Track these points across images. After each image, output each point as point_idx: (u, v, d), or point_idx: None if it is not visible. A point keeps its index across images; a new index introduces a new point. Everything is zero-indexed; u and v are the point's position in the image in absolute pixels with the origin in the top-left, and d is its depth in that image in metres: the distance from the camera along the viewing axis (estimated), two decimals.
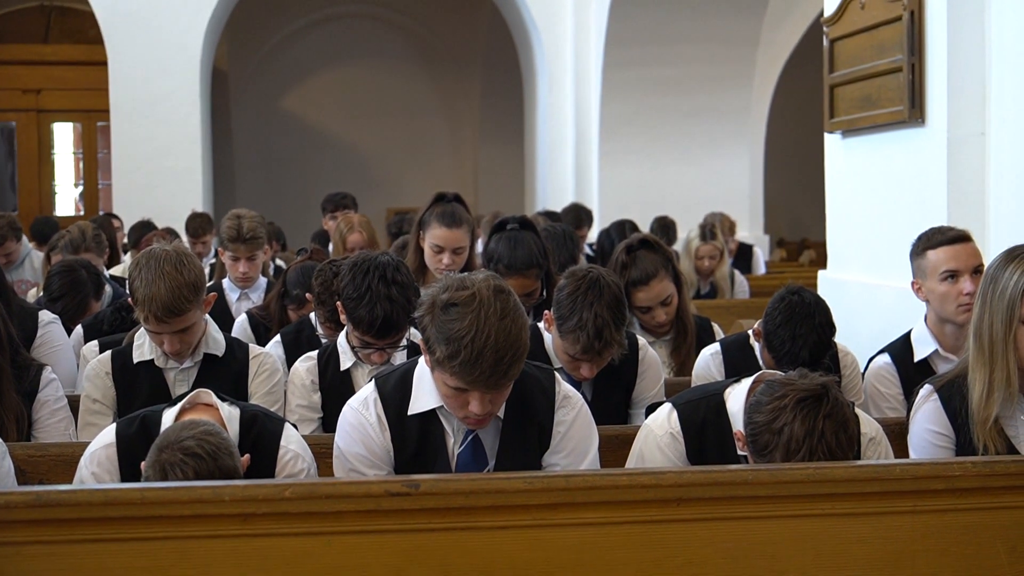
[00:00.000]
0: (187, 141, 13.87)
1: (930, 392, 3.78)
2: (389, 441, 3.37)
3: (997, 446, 3.61)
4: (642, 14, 12.72)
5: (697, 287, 8.44)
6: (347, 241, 6.98)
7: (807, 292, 4.33)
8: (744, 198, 13.69)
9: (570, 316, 4.08)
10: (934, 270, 4.47)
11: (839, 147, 6.87)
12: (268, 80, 19.96)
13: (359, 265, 4.15)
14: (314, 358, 4.36)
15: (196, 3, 13.85)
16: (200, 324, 4.23)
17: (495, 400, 3.20)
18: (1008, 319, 3.56)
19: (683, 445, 3.49)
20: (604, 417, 4.13)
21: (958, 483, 3.06)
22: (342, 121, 20.24)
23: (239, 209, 6.55)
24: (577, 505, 2.95)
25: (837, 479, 3.01)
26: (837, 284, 6.80)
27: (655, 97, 13.23)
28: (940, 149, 5.75)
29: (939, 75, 5.73)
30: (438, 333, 3.08)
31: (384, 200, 19.11)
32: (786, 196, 18.81)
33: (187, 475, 2.97)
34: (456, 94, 20.58)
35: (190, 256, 4.12)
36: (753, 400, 3.23)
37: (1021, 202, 5.33)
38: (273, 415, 3.58)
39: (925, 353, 4.52)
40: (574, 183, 14.22)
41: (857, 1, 6.36)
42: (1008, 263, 3.61)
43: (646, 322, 5.13)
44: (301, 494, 2.87)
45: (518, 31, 15.79)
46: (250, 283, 6.41)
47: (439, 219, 5.28)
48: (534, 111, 15.79)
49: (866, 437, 3.48)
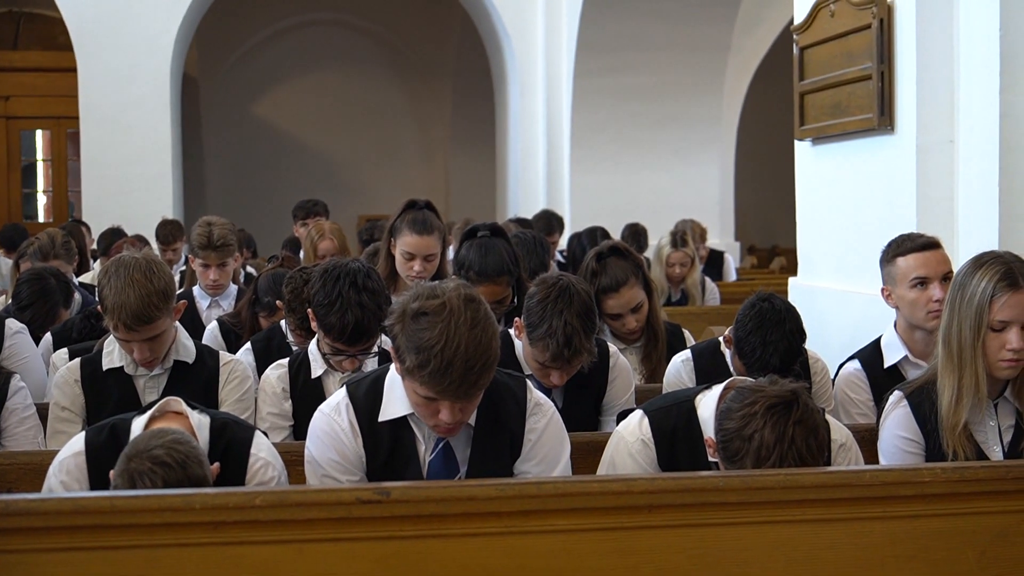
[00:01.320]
0: (157, 148, 13.81)
1: (900, 398, 3.79)
2: (361, 447, 3.36)
3: (966, 452, 3.62)
4: (613, 21, 12.74)
5: (668, 294, 8.44)
6: (318, 248, 6.98)
7: (777, 299, 4.34)
8: (715, 205, 13.72)
9: (540, 323, 4.09)
10: (904, 277, 4.49)
11: (809, 154, 6.89)
12: (239, 87, 19.89)
13: (330, 272, 4.14)
14: (285, 366, 4.34)
15: (166, 10, 13.80)
16: (170, 332, 4.21)
17: (465, 409, 3.20)
18: (976, 325, 3.58)
19: (654, 452, 3.49)
20: (575, 424, 4.13)
21: (928, 489, 3.07)
22: (313, 128, 20.19)
23: (210, 216, 6.53)
24: (549, 512, 2.94)
25: (807, 485, 3.01)
26: (807, 291, 6.82)
27: (626, 104, 13.25)
28: (909, 156, 5.77)
29: (908, 83, 5.76)
30: (408, 342, 3.08)
31: (355, 207, 19.08)
32: (757, 203, 18.87)
33: (156, 484, 2.96)
34: (427, 101, 20.56)
35: (160, 264, 4.10)
36: (723, 407, 3.24)
37: (989, 209, 5.36)
38: (243, 423, 3.57)
39: (895, 359, 4.54)
40: (545, 190, 14.23)
41: (827, 9, 6.38)
42: (976, 270, 3.63)
43: (617, 329, 5.14)
44: (272, 502, 2.86)
45: (489, 38, 15.79)
46: (221, 290, 6.38)
47: (410, 226, 5.28)
48: (505, 118, 15.79)
49: (836, 443, 3.49)
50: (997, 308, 3.56)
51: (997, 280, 3.57)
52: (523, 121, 14.78)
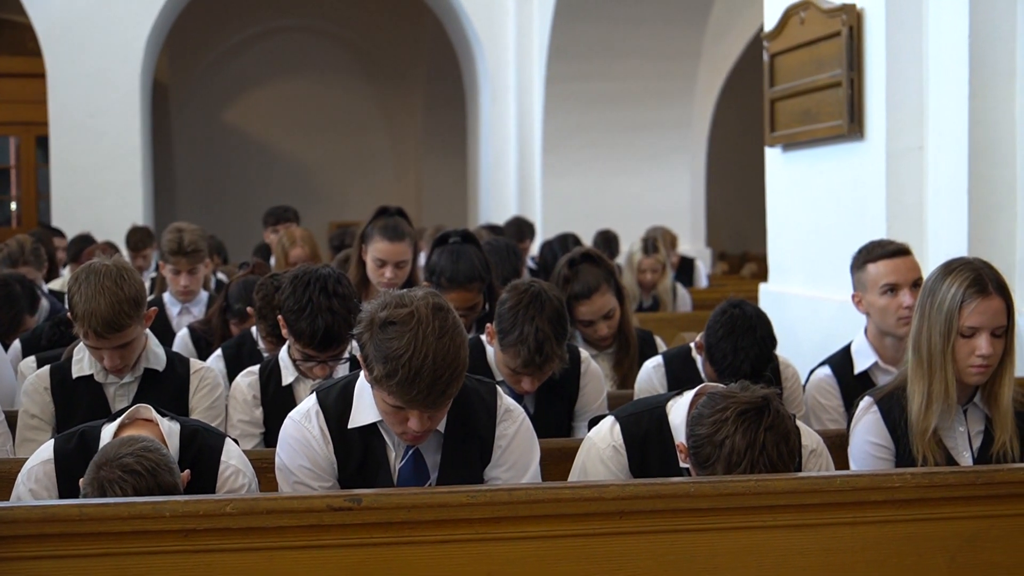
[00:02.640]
0: (127, 154, 13.74)
1: (870, 404, 3.80)
2: (332, 454, 3.35)
3: (936, 457, 3.64)
4: (584, 28, 12.76)
5: (639, 300, 8.46)
6: (289, 255, 6.96)
7: (748, 305, 4.36)
8: (686, 211, 13.75)
9: (511, 330, 4.09)
10: (874, 283, 4.51)
11: (779, 161, 6.92)
12: (209, 93, 19.84)
13: (300, 278, 4.14)
14: (256, 373, 4.33)
15: (136, 16, 13.74)
16: (140, 339, 4.19)
17: (434, 417, 3.20)
18: (946, 331, 3.60)
19: (626, 458, 3.49)
20: (546, 430, 4.13)
21: (898, 494, 3.08)
22: (284, 134, 20.15)
23: (180, 222, 6.51)
24: (520, 519, 2.94)
25: (778, 491, 3.02)
26: (778, 297, 6.84)
27: (597, 110, 13.28)
28: (879, 163, 5.81)
29: (878, 90, 5.79)
30: (376, 351, 3.08)
31: (326, 214, 19.05)
32: (728, 209, 18.92)
33: (126, 492, 2.94)
34: (398, 107, 20.55)
35: (130, 271, 4.08)
36: (695, 412, 3.24)
37: (959, 215, 5.39)
38: (214, 430, 3.55)
39: (865, 365, 4.56)
40: (517, 196, 14.23)
41: (797, 16, 6.41)
42: (946, 276, 3.65)
43: (588, 335, 5.15)
44: (242, 509, 2.85)
45: (460, 44, 15.79)
46: (191, 297, 6.36)
47: (381, 233, 5.28)
48: (476, 124, 15.79)
49: (807, 449, 3.49)
50: (967, 314, 3.58)
51: (967, 286, 3.59)
52: (494, 127, 14.78)
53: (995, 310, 3.59)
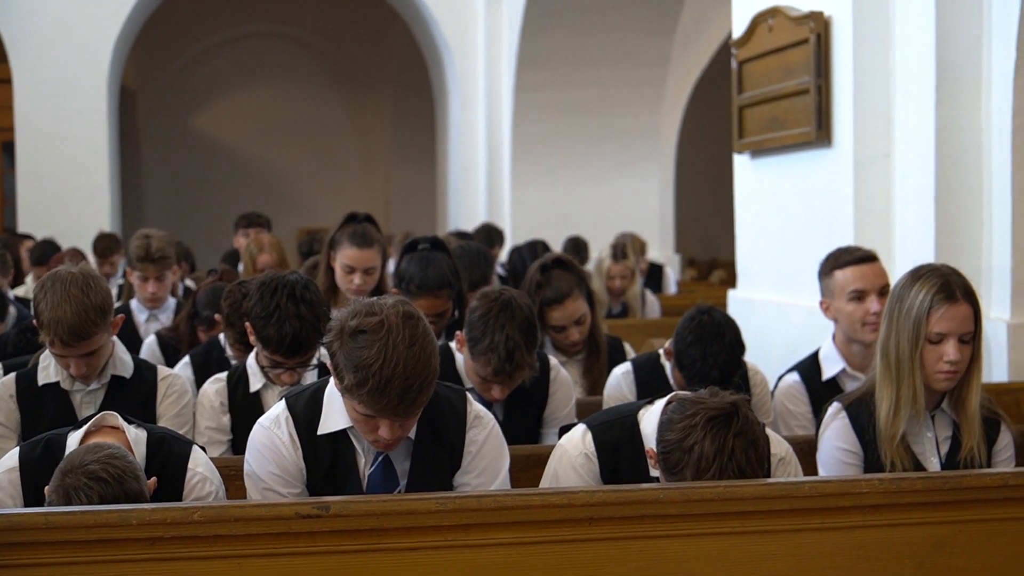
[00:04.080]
0: (94, 160, 13.67)
1: (838, 410, 3.81)
2: (301, 460, 3.34)
3: (904, 463, 3.65)
4: (553, 35, 12.78)
5: (608, 307, 8.45)
6: (257, 262, 6.94)
7: (717, 312, 4.36)
8: (655, 218, 13.78)
9: (482, 338, 4.08)
10: (842, 290, 4.53)
11: (748, 168, 6.94)
12: (178, 99, 19.76)
13: (267, 284, 4.12)
14: (223, 380, 4.31)
15: (104, 21, 13.67)
16: (107, 346, 4.16)
17: (405, 425, 3.20)
18: (914, 337, 3.61)
19: (598, 466, 3.49)
20: (516, 437, 4.13)
21: (866, 500, 3.09)
22: (253, 141, 20.09)
23: (148, 229, 6.48)
24: (489, 525, 2.94)
25: (747, 497, 3.02)
26: (746, 303, 6.86)
27: (566, 117, 13.30)
28: (847, 170, 5.83)
29: (845, 97, 5.82)
30: (346, 360, 3.07)
31: (295, 220, 18.99)
32: (696, 216, 18.96)
33: (92, 500, 2.92)
34: (368, 114, 20.52)
35: (97, 278, 4.05)
36: (664, 418, 3.24)
37: (926, 222, 5.42)
38: (181, 437, 3.54)
39: (833, 371, 4.57)
40: (486, 203, 14.24)
41: (765, 24, 6.43)
42: (914, 282, 3.66)
43: (559, 341, 5.15)
44: (210, 517, 2.83)
45: (430, 51, 15.78)
46: (159, 304, 6.33)
47: (350, 239, 5.26)
48: (446, 131, 15.79)
49: (776, 457, 3.50)
50: (934, 320, 3.59)
51: (934, 293, 3.60)
52: (464, 134, 14.78)
53: (963, 316, 3.61)
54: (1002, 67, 5.18)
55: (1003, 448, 3.81)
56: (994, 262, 5.26)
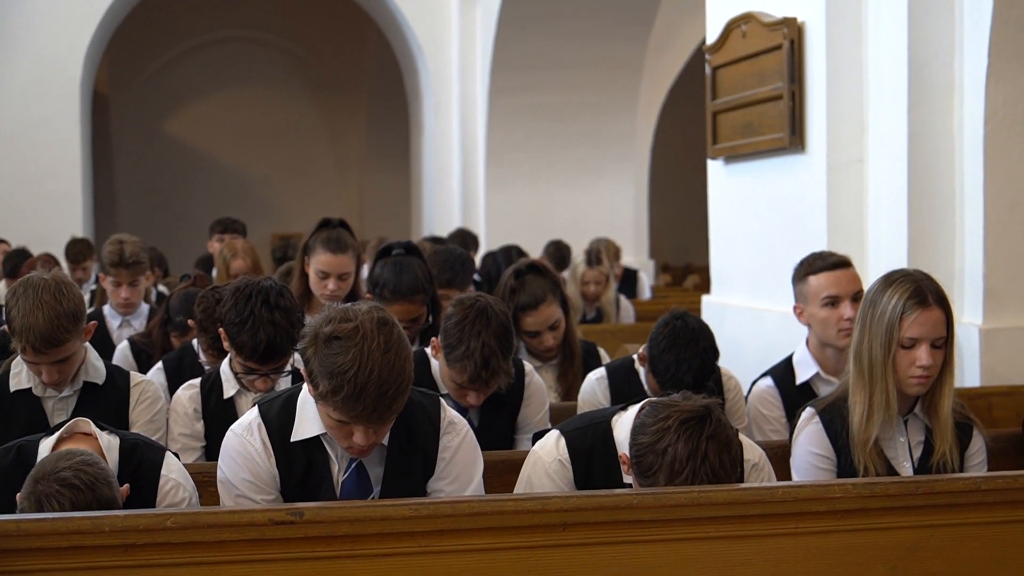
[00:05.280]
0: (67, 165, 13.63)
1: (812, 415, 3.82)
2: (274, 466, 3.33)
3: (877, 468, 3.66)
4: (528, 40, 12.80)
5: (583, 312, 8.46)
6: (231, 267, 6.92)
7: (691, 317, 4.37)
8: (629, 223, 13.80)
9: (458, 345, 4.08)
10: (815, 295, 4.54)
11: (721, 173, 6.95)
12: (150, 104, 19.71)
13: (241, 290, 4.11)
14: (197, 386, 4.30)
15: (76, 25, 13.63)
16: (79, 353, 4.14)
17: (379, 431, 3.19)
18: (887, 342, 3.62)
19: (571, 472, 3.49)
20: (490, 443, 4.13)
21: (839, 505, 3.09)
22: (227, 146, 20.05)
23: (121, 234, 6.45)
24: (463, 531, 2.93)
25: (720, 502, 3.03)
26: (720, 308, 6.87)
27: (540, 123, 13.31)
28: (820, 175, 5.84)
29: (819, 103, 5.83)
30: (321, 367, 3.06)
31: (269, 225, 18.97)
32: (671, 221, 19.00)
33: (64, 507, 2.91)
34: (342, 119, 20.50)
35: (70, 285, 4.03)
36: (637, 422, 3.24)
37: (899, 227, 5.44)
38: (154, 444, 3.52)
39: (807, 376, 4.58)
40: (460, 208, 14.24)
41: (738, 30, 6.45)
42: (887, 287, 3.67)
43: (534, 347, 5.15)
44: (183, 524, 2.82)
45: (404, 56, 15.78)
46: (132, 309, 6.30)
47: (324, 245, 5.24)
48: (420, 136, 15.79)
49: (749, 463, 3.50)
50: (907, 325, 3.60)
51: (907, 298, 3.62)
52: (438, 139, 14.78)
53: (935, 321, 3.62)
54: (974, 73, 5.20)
55: (975, 453, 3.83)
56: (966, 267, 5.28)
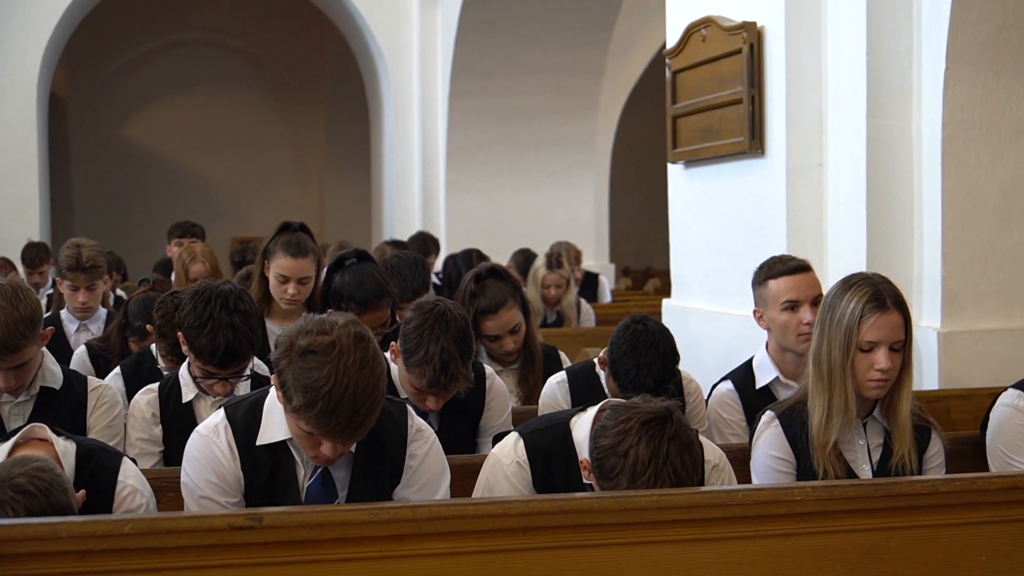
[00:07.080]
0: (23, 169, 13.51)
1: (771, 418, 3.83)
2: (239, 469, 3.31)
3: (836, 470, 3.68)
4: (488, 44, 12.80)
5: (544, 316, 8.47)
6: (190, 271, 6.89)
7: (651, 321, 4.37)
8: (590, 227, 13.82)
9: (417, 349, 4.06)
10: (775, 300, 4.55)
11: (682, 177, 6.96)
12: (109, 107, 19.59)
13: (200, 294, 4.09)
14: (155, 390, 4.27)
15: (33, 27, 13.52)
16: (37, 358, 4.10)
17: (348, 443, 3.17)
18: (846, 346, 3.64)
19: (530, 474, 3.49)
20: (451, 447, 4.11)
21: (799, 507, 3.10)
22: (186, 149, 19.96)
23: (78, 238, 6.40)
24: (423, 536, 2.92)
25: (681, 505, 3.03)
26: (681, 312, 6.88)
27: (501, 126, 13.32)
28: (779, 179, 5.86)
29: (778, 107, 5.85)
30: (295, 380, 3.02)
31: (228, 229, 18.87)
32: (631, 225, 19.04)
33: (18, 513, 2.88)
34: (302, 122, 20.44)
35: (27, 290, 4.00)
36: (598, 425, 3.25)
37: (858, 231, 5.46)
38: (111, 449, 3.50)
39: (766, 380, 4.59)
40: (421, 211, 14.22)
41: (698, 34, 6.46)
42: (845, 291, 3.69)
43: (494, 351, 5.14)
44: (141, 529, 2.80)
45: (364, 60, 15.75)
46: (89, 314, 6.26)
47: (284, 248, 5.22)
48: (380, 140, 15.76)
49: (710, 464, 3.51)
50: (865, 329, 3.62)
51: (865, 301, 3.63)
52: (398, 142, 14.76)
53: (893, 325, 3.64)
54: (932, 78, 5.23)
55: (934, 455, 3.85)
56: (924, 271, 5.31)
